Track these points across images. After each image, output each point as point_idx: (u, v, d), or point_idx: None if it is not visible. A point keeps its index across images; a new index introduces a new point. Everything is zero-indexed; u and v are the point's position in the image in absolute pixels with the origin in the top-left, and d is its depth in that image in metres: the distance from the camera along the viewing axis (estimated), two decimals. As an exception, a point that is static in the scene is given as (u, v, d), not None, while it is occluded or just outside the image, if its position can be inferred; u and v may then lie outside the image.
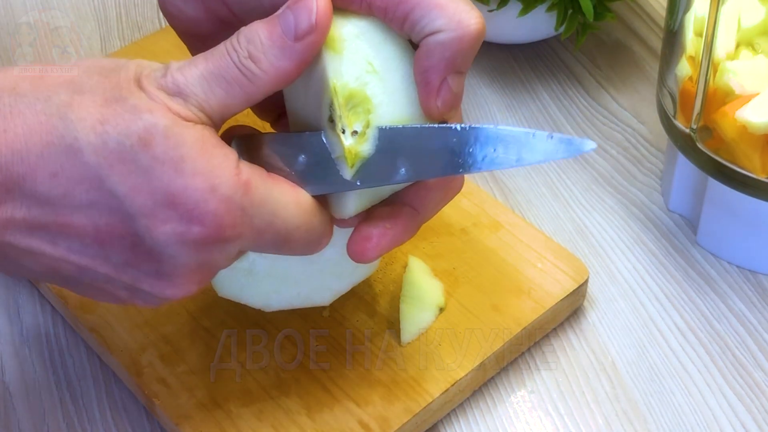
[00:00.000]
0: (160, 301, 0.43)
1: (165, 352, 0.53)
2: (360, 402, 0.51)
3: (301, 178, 0.44)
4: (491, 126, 0.42)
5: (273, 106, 0.51)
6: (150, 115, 0.39)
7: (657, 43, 0.76)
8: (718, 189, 0.58)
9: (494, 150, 0.42)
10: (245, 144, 0.45)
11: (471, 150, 0.42)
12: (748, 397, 0.54)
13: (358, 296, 0.56)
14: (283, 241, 0.43)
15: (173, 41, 0.71)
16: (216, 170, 0.40)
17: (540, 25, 0.71)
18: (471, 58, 0.43)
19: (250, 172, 0.41)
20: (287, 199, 0.43)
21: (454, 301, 0.56)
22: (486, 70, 0.75)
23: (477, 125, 0.43)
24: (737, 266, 0.61)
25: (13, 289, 0.60)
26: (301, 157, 0.44)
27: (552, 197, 0.65)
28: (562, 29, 0.70)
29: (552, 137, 0.41)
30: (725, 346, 0.57)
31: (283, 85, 0.42)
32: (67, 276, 0.42)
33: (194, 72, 0.41)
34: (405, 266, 0.57)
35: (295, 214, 0.43)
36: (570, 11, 0.69)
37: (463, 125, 0.43)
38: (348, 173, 0.44)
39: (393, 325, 0.55)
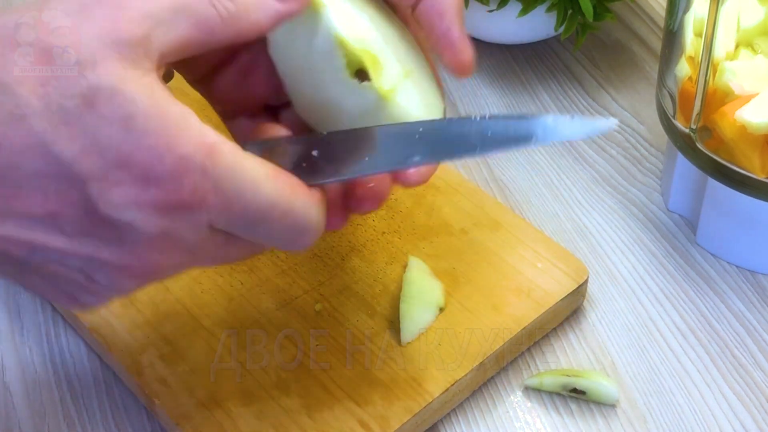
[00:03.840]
0: (118, 289, 0.39)
1: (165, 352, 0.53)
2: (360, 402, 0.51)
3: (311, 171, 0.42)
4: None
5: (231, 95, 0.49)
6: (93, 72, 0.35)
7: (657, 43, 0.76)
8: (717, 189, 0.58)
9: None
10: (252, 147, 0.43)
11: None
12: (748, 397, 0.55)
13: (358, 296, 0.56)
14: (258, 220, 0.39)
15: (173, 41, 0.71)
16: (172, 128, 0.36)
17: (540, 25, 0.71)
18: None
19: (216, 136, 0.37)
20: (261, 171, 0.39)
21: (454, 301, 0.56)
22: (486, 70, 0.75)
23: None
24: (736, 266, 0.61)
25: (13, 289, 0.60)
26: (315, 152, 0.42)
27: (552, 197, 0.65)
28: (561, 29, 0.71)
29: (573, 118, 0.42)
30: (725, 346, 0.57)
31: (249, 38, 0.40)
32: (17, 260, 0.38)
33: (164, 2, 0.37)
34: (405, 266, 0.57)
35: (270, 189, 0.39)
36: (570, 11, 0.69)
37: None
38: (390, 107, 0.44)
39: (393, 325, 0.55)
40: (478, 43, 0.76)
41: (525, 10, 0.69)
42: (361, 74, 0.44)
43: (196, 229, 0.38)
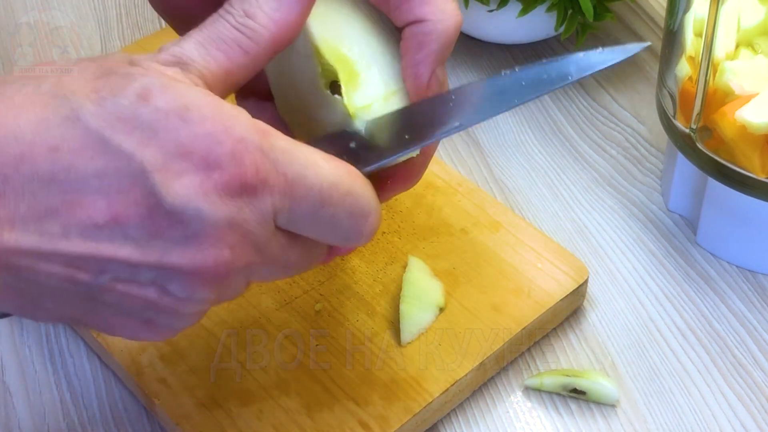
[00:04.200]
0: (194, 300, 0.38)
1: (165, 352, 0.53)
2: (360, 402, 0.51)
3: (354, 161, 0.41)
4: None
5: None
6: (144, 77, 0.37)
7: (657, 43, 0.76)
8: (717, 189, 0.58)
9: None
10: None
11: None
12: (748, 397, 0.55)
13: (358, 296, 0.56)
14: (321, 202, 0.39)
15: (173, 41, 0.71)
16: (226, 114, 0.37)
17: (540, 25, 0.71)
18: (452, 48, 0.44)
19: (268, 125, 0.38)
20: (316, 154, 0.39)
21: (454, 301, 0.56)
22: (486, 70, 0.75)
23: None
24: (737, 266, 0.61)
25: (13, 289, 0.60)
26: (353, 144, 0.42)
27: (552, 197, 0.65)
28: (562, 29, 0.70)
29: (602, 50, 0.44)
30: (725, 346, 0.57)
31: (287, 41, 0.40)
32: (85, 286, 0.37)
33: (190, 41, 0.39)
34: (405, 266, 0.57)
35: (329, 168, 0.39)
36: (570, 11, 0.69)
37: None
38: (360, 125, 0.43)
39: (393, 325, 0.55)
40: (478, 43, 0.76)
41: (525, 10, 0.69)
42: (335, 87, 0.43)
43: (261, 218, 0.38)
